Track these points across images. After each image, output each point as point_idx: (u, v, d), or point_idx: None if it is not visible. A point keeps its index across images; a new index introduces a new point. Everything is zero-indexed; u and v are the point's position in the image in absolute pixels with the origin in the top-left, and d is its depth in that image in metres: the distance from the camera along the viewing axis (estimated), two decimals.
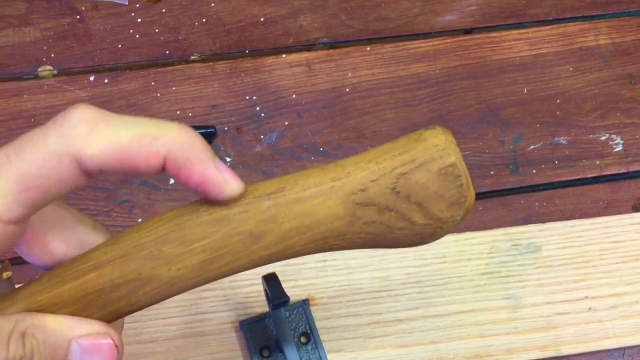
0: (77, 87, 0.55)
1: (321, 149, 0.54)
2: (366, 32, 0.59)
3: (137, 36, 0.57)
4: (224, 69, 0.56)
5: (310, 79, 0.57)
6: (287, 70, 0.57)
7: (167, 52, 0.57)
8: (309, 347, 0.47)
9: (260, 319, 0.47)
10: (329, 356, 0.47)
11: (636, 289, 0.50)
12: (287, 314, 0.47)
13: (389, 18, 0.60)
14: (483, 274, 0.50)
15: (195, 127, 0.53)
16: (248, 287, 0.48)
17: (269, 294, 0.42)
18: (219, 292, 0.48)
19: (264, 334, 0.47)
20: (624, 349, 0.49)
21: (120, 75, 0.55)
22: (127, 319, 0.30)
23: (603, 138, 0.57)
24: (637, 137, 0.57)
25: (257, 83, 0.56)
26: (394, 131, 0.56)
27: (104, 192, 0.52)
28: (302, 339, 0.47)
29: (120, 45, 0.57)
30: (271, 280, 0.42)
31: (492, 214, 0.53)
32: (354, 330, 0.48)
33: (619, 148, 0.56)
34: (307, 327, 0.47)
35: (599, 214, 0.54)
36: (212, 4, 0.59)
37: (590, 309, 0.50)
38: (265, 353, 0.46)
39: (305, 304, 0.48)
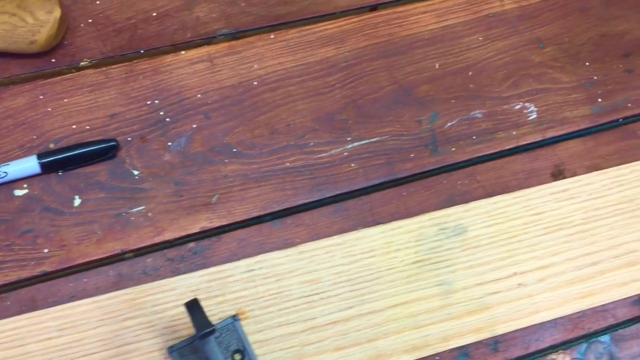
0: None
1: (234, 150, 0.52)
2: (268, 18, 0.56)
3: None
4: (119, 73, 0.52)
5: (214, 75, 0.53)
6: (188, 69, 0.53)
7: (53, 60, 0.52)
8: None
9: (190, 342, 0.45)
10: None
11: (561, 259, 0.51)
12: (217, 334, 0.45)
13: (290, 1, 0.56)
14: (413, 263, 0.49)
15: (94, 142, 0.49)
16: (173, 309, 0.46)
17: (193, 324, 0.39)
18: (142, 320, 0.45)
19: (196, 357, 0.44)
20: (555, 319, 0.50)
21: (2, 92, 0.50)
22: None
23: (517, 107, 0.56)
24: (550, 102, 0.57)
25: (158, 85, 0.52)
26: (308, 122, 0.53)
27: (1, 224, 0.47)
28: (237, 357, 0.45)
29: None
30: (194, 309, 0.40)
31: (416, 198, 0.52)
32: (289, 340, 0.46)
33: (534, 116, 0.56)
34: (240, 344, 0.45)
35: (520, 186, 0.54)
36: (97, 2, 0.54)
37: (519, 284, 0.50)
38: None
39: (235, 319, 0.45)
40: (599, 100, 0.57)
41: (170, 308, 0.46)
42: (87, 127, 0.50)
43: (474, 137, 0.55)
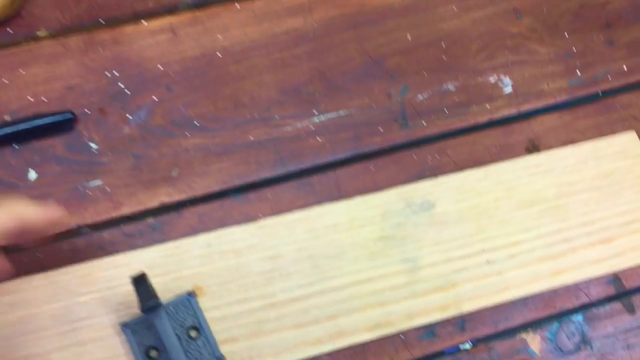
0: None
1: (196, 123, 0.50)
2: None
3: None
4: (77, 43, 0.51)
5: (176, 46, 0.52)
6: (149, 39, 0.51)
7: (10, 30, 0.50)
8: (199, 342, 0.44)
9: (143, 318, 0.43)
10: (223, 347, 0.44)
11: (533, 235, 0.49)
12: (173, 309, 0.44)
13: None
14: (378, 239, 0.48)
15: (50, 114, 0.47)
16: (127, 285, 0.44)
17: (138, 298, 0.38)
18: (95, 295, 0.44)
19: (150, 334, 0.43)
20: (526, 297, 0.49)
21: None
22: None
23: (492, 80, 0.54)
24: (526, 75, 0.55)
25: (118, 56, 0.51)
26: (273, 95, 0.52)
27: None
28: (192, 334, 0.44)
29: None
30: (139, 282, 0.39)
31: (384, 173, 0.51)
32: (247, 317, 0.45)
33: (509, 89, 0.54)
34: (195, 320, 0.44)
35: (492, 160, 0.52)
36: None
37: (488, 261, 0.48)
38: (153, 354, 0.43)
39: (190, 296, 0.44)
40: (578, 72, 0.55)
41: (124, 284, 0.45)
42: (44, 99, 0.49)
43: (446, 111, 0.53)
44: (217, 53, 0.52)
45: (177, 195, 0.48)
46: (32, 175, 0.47)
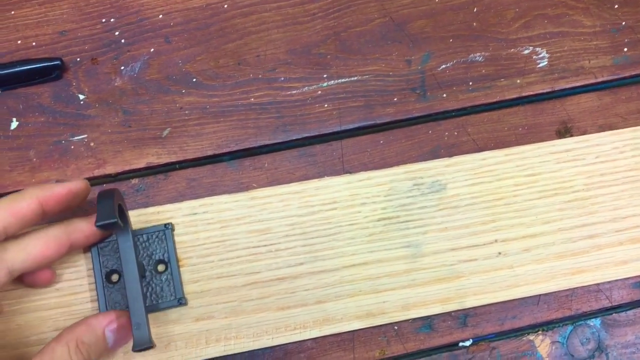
0: None
1: (194, 79, 0.46)
2: None
3: None
4: None
5: None
6: None
7: None
8: (164, 277, 0.41)
9: (113, 241, 0.41)
10: (197, 324, 0.41)
11: (553, 228, 0.44)
12: (145, 237, 0.41)
13: None
14: (379, 220, 0.44)
15: (37, 60, 0.44)
16: None
17: (97, 214, 0.35)
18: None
19: (114, 257, 0.40)
20: (538, 296, 0.44)
21: None
22: None
23: (526, 52, 0.49)
24: (565, 49, 0.49)
25: (116, 2, 0.47)
26: (281, 54, 0.47)
27: None
28: (159, 268, 0.41)
29: None
30: (102, 198, 0.36)
31: (395, 148, 0.46)
32: (228, 293, 0.42)
33: (544, 63, 0.49)
34: (166, 255, 0.41)
35: (517, 142, 0.47)
36: None
37: (499, 253, 0.44)
38: (114, 277, 0.40)
39: (167, 228, 0.41)
40: (625, 50, 0.49)
41: None
42: (34, 44, 0.46)
43: (471, 84, 0.48)
44: (224, 4, 0.48)
45: (166, 157, 0.45)
46: (14, 124, 0.44)
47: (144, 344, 0.36)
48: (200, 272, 0.42)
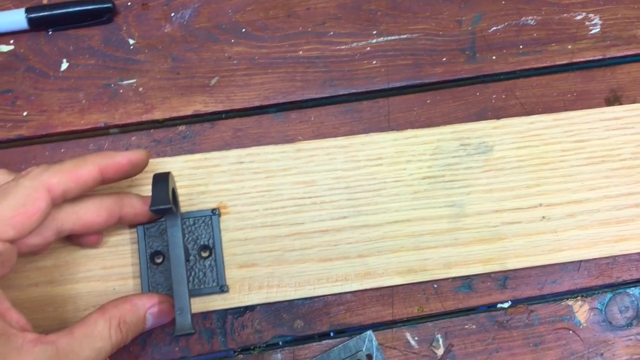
0: None
1: (243, 30, 0.46)
2: None
3: None
4: None
5: None
6: None
7: None
8: (207, 263, 0.41)
9: (162, 223, 0.41)
10: (241, 271, 0.41)
11: (599, 195, 0.44)
12: (192, 222, 0.41)
13: None
14: (424, 178, 0.44)
15: (88, 2, 0.44)
16: (150, 192, 0.42)
17: (152, 198, 0.35)
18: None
19: (160, 239, 0.41)
20: (579, 262, 0.44)
21: None
22: None
23: (579, 17, 0.48)
24: (619, 16, 0.48)
25: None
26: (331, 8, 0.47)
27: None
28: (204, 253, 0.41)
29: None
30: (157, 182, 0.36)
31: (442, 108, 0.46)
32: (271, 243, 0.42)
33: (597, 30, 0.48)
34: (211, 240, 0.41)
35: (565, 108, 0.46)
36: None
37: (543, 217, 0.44)
38: (159, 259, 0.41)
39: (214, 214, 0.41)
40: None
41: (147, 191, 0.42)
42: None
43: (521, 47, 0.47)
44: None
45: (213, 106, 0.45)
46: (64, 65, 0.45)
47: (186, 330, 0.36)
48: (244, 220, 0.42)
